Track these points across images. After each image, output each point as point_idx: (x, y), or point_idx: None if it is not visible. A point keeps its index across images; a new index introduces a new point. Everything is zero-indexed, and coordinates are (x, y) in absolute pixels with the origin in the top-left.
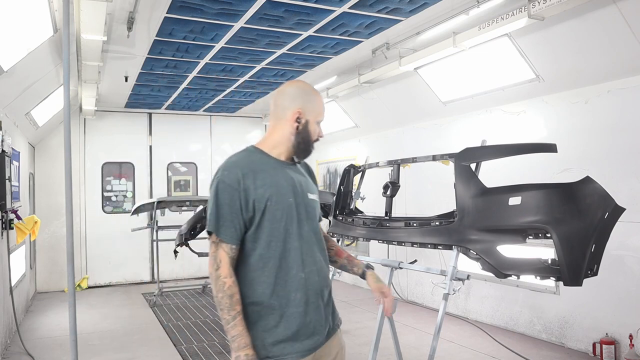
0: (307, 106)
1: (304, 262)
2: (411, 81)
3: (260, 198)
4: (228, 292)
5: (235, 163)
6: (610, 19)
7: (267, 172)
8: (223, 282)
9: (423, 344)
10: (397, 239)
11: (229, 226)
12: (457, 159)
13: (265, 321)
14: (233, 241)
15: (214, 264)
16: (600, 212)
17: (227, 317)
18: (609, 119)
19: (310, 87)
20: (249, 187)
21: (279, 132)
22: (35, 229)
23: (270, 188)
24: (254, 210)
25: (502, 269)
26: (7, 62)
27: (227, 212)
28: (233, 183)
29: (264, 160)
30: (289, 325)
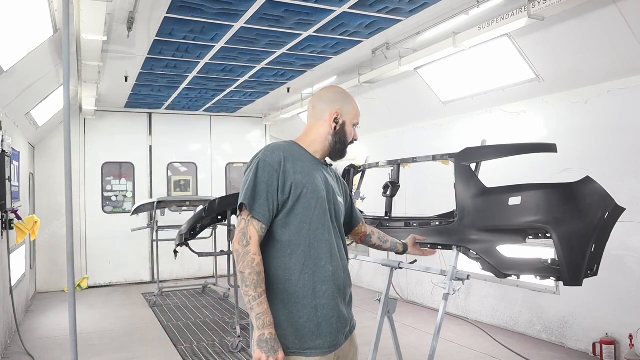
0: (344, 108)
1: (332, 255)
2: (411, 81)
3: (298, 183)
4: (257, 268)
5: (278, 146)
6: (610, 19)
7: (304, 162)
8: (252, 258)
9: (423, 344)
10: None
11: (263, 204)
12: (457, 159)
13: (288, 309)
14: (265, 220)
15: (242, 240)
16: (600, 212)
17: (253, 294)
18: (609, 119)
19: (347, 92)
20: (289, 171)
21: (316, 131)
22: (35, 229)
23: (308, 177)
24: (290, 193)
25: (502, 269)
26: (7, 62)
27: (263, 190)
28: (274, 163)
29: (302, 153)
30: (313, 318)
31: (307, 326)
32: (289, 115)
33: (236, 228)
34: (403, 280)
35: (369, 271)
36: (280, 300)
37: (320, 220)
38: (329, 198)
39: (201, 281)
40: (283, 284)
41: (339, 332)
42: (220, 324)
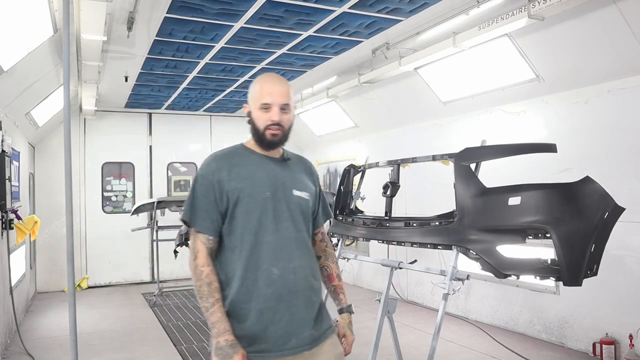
0: (249, 99)
1: (277, 257)
2: (411, 81)
3: (234, 190)
4: (206, 280)
5: (213, 157)
6: (610, 19)
7: (245, 166)
8: (200, 270)
9: (423, 344)
10: (397, 238)
11: (204, 217)
12: (457, 159)
13: (237, 313)
14: (209, 232)
15: (192, 255)
16: (600, 212)
17: (205, 305)
18: (609, 119)
19: (263, 76)
20: (223, 179)
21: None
22: (35, 229)
23: (245, 181)
24: (228, 201)
25: (501, 269)
26: (7, 62)
27: (202, 203)
28: (208, 175)
29: (245, 156)
30: (257, 322)
31: (253, 330)
32: None
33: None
34: (403, 280)
35: (368, 271)
36: (230, 304)
37: (260, 223)
38: (277, 197)
39: None
40: (231, 289)
41: (291, 336)
42: None
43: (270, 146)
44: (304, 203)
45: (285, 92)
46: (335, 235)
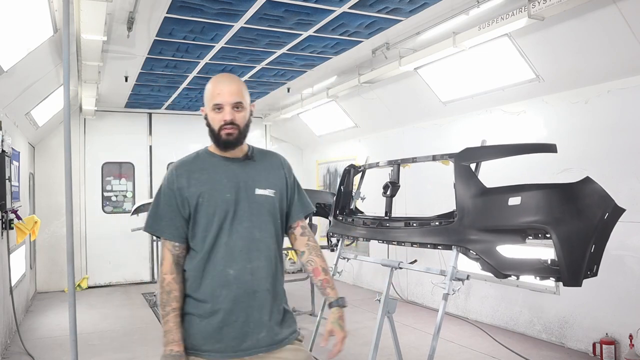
0: (205, 101)
1: (234, 259)
2: (411, 81)
3: (193, 195)
4: (166, 288)
5: (173, 166)
6: (610, 19)
7: (205, 170)
8: (162, 278)
9: (423, 344)
10: (397, 239)
11: (168, 224)
12: (457, 159)
13: (197, 312)
14: (174, 238)
15: (160, 262)
16: (600, 213)
17: (162, 312)
18: (609, 119)
19: (214, 78)
20: (183, 187)
21: None
22: (35, 229)
23: (204, 185)
24: (189, 207)
25: (501, 269)
26: (7, 62)
27: (165, 211)
28: (169, 184)
29: (206, 160)
30: (212, 322)
31: (208, 329)
32: (289, 115)
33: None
34: (403, 280)
35: (368, 271)
36: (190, 305)
37: (220, 227)
38: (238, 198)
39: None
40: (190, 291)
41: (246, 338)
42: None
43: (226, 146)
44: (269, 201)
45: (236, 90)
46: (335, 235)
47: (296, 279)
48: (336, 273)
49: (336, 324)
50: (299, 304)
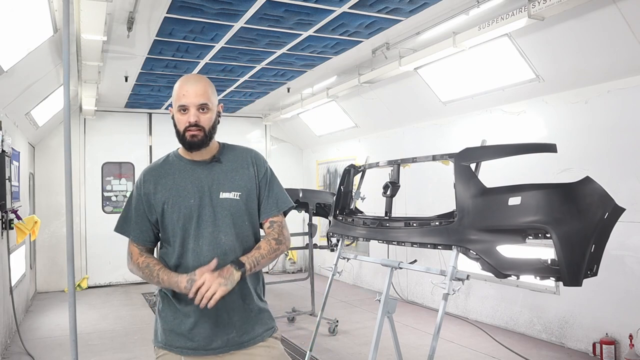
0: (172, 101)
1: (201, 263)
2: (411, 81)
3: (158, 202)
4: (143, 265)
5: (143, 171)
6: (610, 19)
7: (171, 175)
8: (137, 262)
9: (423, 344)
10: (397, 239)
11: (135, 228)
12: (457, 159)
13: (167, 311)
14: (139, 241)
15: (128, 259)
16: (600, 212)
17: (156, 280)
18: (609, 119)
19: (182, 78)
20: (150, 192)
21: None
22: (35, 229)
23: (169, 191)
24: (155, 213)
25: (501, 269)
26: (7, 62)
27: (133, 215)
28: (138, 189)
29: (174, 164)
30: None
31: (182, 329)
32: (289, 115)
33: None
34: (403, 280)
35: (368, 271)
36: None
37: (186, 232)
38: (202, 203)
39: None
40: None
41: (216, 338)
42: None
43: (191, 148)
44: (234, 204)
45: (202, 91)
46: (335, 235)
47: (296, 279)
48: (336, 273)
49: (224, 273)
50: (299, 304)
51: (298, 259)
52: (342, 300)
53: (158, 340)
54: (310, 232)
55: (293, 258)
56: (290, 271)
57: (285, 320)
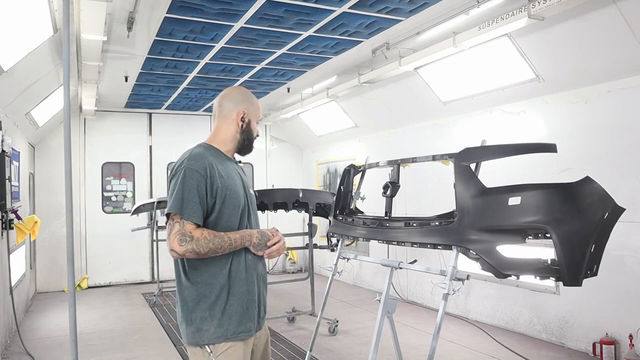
0: (249, 108)
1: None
2: (411, 81)
3: (223, 187)
4: (210, 235)
5: (200, 154)
6: (610, 19)
7: (224, 165)
8: (204, 236)
9: (423, 344)
10: (397, 239)
11: (196, 208)
12: (457, 159)
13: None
14: (199, 220)
15: (186, 237)
16: (600, 212)
17: (228, 242)
18: (609, 119)
19: (250, 92)
20: (214, 176)
21: (225, 130)
22: (35, 229)
23: (229, 179)
24: (216, 197)
25: (501, 269)
26: (7, 62)
27: (194, 195)
28: (201, 170)
29: (219, 155)
30: (242, 303)
31: (250, 313)
32: (289, 115)
33: (169, 233)
34: (403, 280)
35: (369, 271)
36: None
37: (241, 219)
38: (246, 194)
39: None
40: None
41: (259, 317)
42: None
43: (249, 152)
44: (254, 199)
45: None
46: (335, 235)
47: (296, 279)
48: (336, 273)
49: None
50: (299, 304)
51: (298, 259)
52: (342, 300)
53: (224, 335)
54: (310, 232)
55: (293, 258)
56: (290, 271)
57: (285, 320)
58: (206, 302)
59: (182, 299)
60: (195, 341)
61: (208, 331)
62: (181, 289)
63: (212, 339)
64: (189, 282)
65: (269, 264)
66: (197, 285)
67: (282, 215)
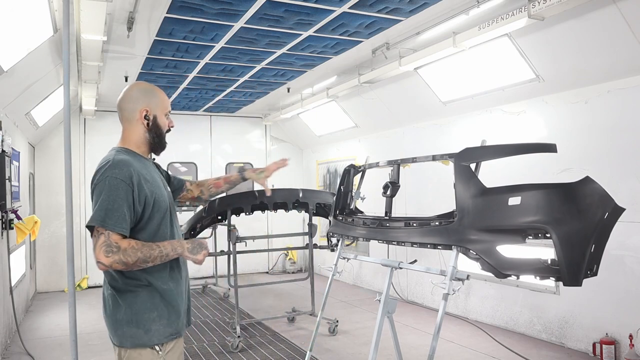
0: (151, 103)
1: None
2: (411, 81)
3: (150, 193)
4: (138, 245)
5: (124, 161)
6: (610, 19)
7: (146, 169)
8: (131, 246)
9: (423, 344)
10: (397, 239)
11: (122, 218)
12: (457, 159)
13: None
14: (125, 231)
15: (110, 249)
16: (600, 212)
17: (158, 252)
18: (609, 119)
19: (151, 85)
20: (141, 183)
21: (134, 133)
22: (35, 229)
23: (153, 184)
24: (145, 204)
25: (501, 269)
26: (7, 62)
27: (120, 206)
28: (126, 179)
29: (140, 159)
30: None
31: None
32: (289, 115)
33: (95, 245)
34: (403, 280)
35: (368, 271)
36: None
37: (170, 220)
38: (167, 193)
39: (201, 281)
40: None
41: (187, 314)
42: (220, 324)
43: (162, 150)
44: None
45: None
46: (335, 235)
47: (296, 279)
48: (336, 273)
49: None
50: (299, 304)
51: (298, 259)
52: (342, 300)
53: (168, 334)
54: (310, 232)
55: (293, 258)
56: (290, 271)
57: (285, 320)
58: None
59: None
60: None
61: (157, 331)
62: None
63: (162, 338)
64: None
65: (269, 263)
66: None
67: (282, 215)
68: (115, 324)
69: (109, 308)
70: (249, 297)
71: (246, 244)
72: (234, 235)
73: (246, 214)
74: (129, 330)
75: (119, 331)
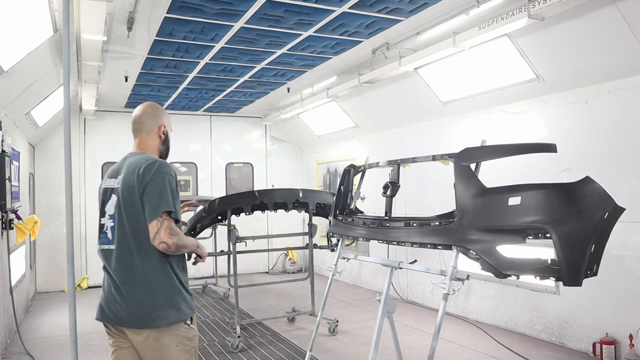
0: (166, 121)
1: None
2: (411, 81)
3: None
4: (182, 234)
5: (167, 163)
6: (610, 19)
7: None
8: (181, 232)
9: (423, 344)
10: (397, 239)
11: (177, 209)
12: (457, 159)
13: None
14: (179, 219)
15: (173, 232)
16: (600, 212)
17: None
18: (609, 119)
19: (161, 108)
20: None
21: (151, 143)
22: (35, 229)
23: None
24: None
25: (501, 269)
26: (7, 62)
27: (176, 198)
28: (174, 177)
29: None
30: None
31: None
32: (289, 115)
33: (160, 227)
34: (403, 280)
35: (368, 271)
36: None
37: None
38: None
39: (201, 281)
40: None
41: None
42: (220, 324)
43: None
44: None
45: None
46: (335, 235)
47: (296, 279)
48: (336, 273)
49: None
50: (299, 304)
51: (298, 259)
52: (342, 300)
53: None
54: (310, 232)
55: (293, 258)
56: (290, 271)
57: (285, 320)
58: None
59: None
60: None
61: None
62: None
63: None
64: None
65: (269, 264)
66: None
67: (282, 215)
68: (149, 308)
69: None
70: (249, 297)
71: (246, 244)
72: (234, 235)
73: (246, 214)
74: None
75: (152, 314)
